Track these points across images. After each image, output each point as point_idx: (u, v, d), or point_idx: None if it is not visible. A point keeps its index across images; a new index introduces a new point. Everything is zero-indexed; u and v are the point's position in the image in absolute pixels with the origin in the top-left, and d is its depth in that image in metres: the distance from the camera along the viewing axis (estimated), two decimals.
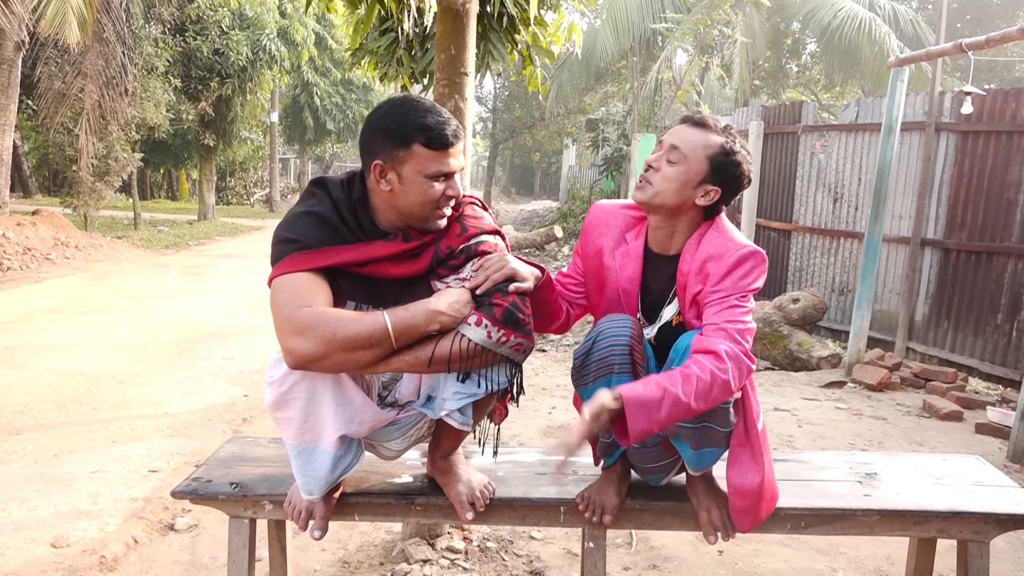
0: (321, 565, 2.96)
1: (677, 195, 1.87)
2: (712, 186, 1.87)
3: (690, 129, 1.89)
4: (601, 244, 2.03)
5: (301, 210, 1.82)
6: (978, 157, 6.26)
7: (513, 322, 1.78)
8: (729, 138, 1.88)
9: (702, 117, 1.90)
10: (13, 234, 11.33)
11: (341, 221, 1.81)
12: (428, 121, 1.73)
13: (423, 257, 1.84)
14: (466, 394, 1.83)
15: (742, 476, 1.89)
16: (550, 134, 27.70)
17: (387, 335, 1.68)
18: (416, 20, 3.18)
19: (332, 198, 1.83)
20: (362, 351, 1.67)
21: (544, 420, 4.80)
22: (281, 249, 1.76)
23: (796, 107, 8.51)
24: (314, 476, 1.87)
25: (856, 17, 14.33)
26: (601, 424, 1.70)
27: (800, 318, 6.98)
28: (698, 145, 1.86)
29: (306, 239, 1.76)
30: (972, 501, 2.09)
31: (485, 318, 1.76)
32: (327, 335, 1.64)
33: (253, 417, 4.76)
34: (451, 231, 1.86)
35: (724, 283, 1.82)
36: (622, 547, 3.12)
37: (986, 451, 4.40)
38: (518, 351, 1.81)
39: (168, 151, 23.76)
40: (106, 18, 12.71)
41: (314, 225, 1.79)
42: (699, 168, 1.86)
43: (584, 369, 1.88)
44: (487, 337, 1.75)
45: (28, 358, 5.93)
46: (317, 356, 1.65)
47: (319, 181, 1.88)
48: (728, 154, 1.86)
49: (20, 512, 3.35)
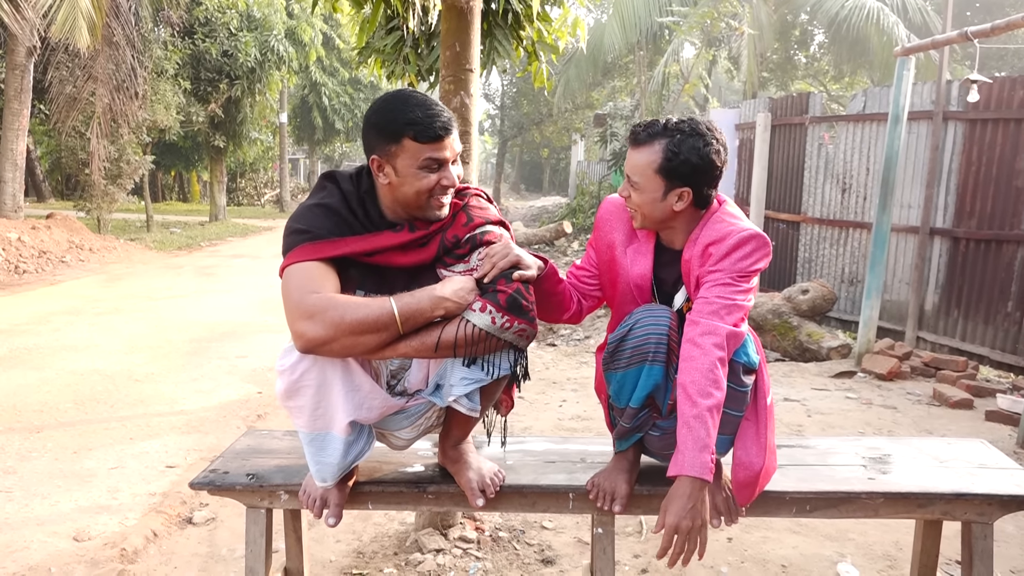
0: (336, 555, 3.02)
1: (656, 211, 1.92)
2: (680, 189, 1.88)
3: (633, 153, 1.92)
4: (613, 238, 2.07)
5: (312, 202, 1.88)
6: (986, 145, 6.25)
7: (517, 308, 1.82)
8: (671, 138, 1.86)
9: (636, 134, 1.91)
10: (28, 238, 11.47)
11: (350, 212, 1.87)
12: (416, 115, 1.78)
13: (430, 246, 1.89)
14: (473, 380, 1.88)
15: (746, 450, 1.93)
16: (558, 130, 27.69)
17: (394, 320, 1.73)
18: (421, 18, 3.22)
19: (342, 190, 1.89)
20: (370, 335, 1.72)
21: (555, 413, 4.84)
22: (292, 239, 1.82)
23: (803, 98, 8.50)
24: (327, 463, 1.92)
25: (864, 7, 14.25)
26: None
27: (810, 309, 6.99)
28: (644, 166, 1.89)
29: (316, 230, 1.82)
30: (975, 483, 2.11)
31: (490, 304, 1.81)
32: (336, 319, 1.69)
33: (267, 413, 4.83)
34: (457, 221, 1.91)
35: (723, 263, 1.85)
36: (632, 535, 3.16)
37: (996, 438, 4.41)
38: (522, 337, 1.85)
39: (179, 153, 23.92)
40: (115, 22, 12.82)
41: (324, 216, 1.85)
42: (656, 185, 1.89)
43: (618, 354, 1.91)
44: (491, 323, 1.80)
45: (46, 358, 6.03)
46: (326, 339, 1.70)
47: (329, 175, 1.95)
48: (672, 157, 1.85)
49: (43, 507, 3.43)
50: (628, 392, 1.92)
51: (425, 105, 1.80)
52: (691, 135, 1.86)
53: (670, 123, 1.89)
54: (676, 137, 1.86)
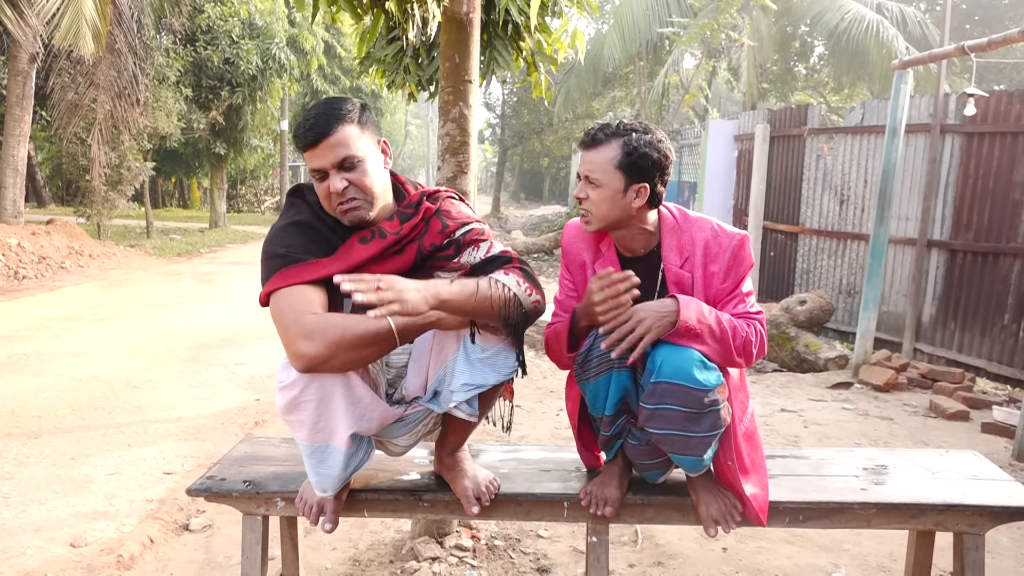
0: (332, 563, 3.02)
1: (615, 210, 1.96)
2: (637, 184, 1.94)
3: (590, 152, 1.97)
4: (583, 258, 2.12)
5: (284, 223, 1.90)
6: (983, 158, 6.28)
7: (532, 279, 1.88)
8: (627, 136, 1.93)
9: (592, 135, 1.97)
10: (28, 243, 11.48)
11: (321, 222, 1.90)
12: (299, 126, 1.84)
13: (406, 253, 1.91)
14: (473, 386, 1.90)
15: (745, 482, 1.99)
16: (558, 139, 27.72)
17: (390, 332, 1.74)
18: (420, 29, 3.24)
19: (308, 203, 1.93)
20: (369, 348, 1.74)
21: (552, 422, 4.85)
22: (270, 265, 1.83)
23: (802, 110, 8.54)
24: (327, 474, 1.93)
25: (863, 19, 14.32)
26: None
27: (807, 320, 7.01)
28: (603, 163, 1.94)
29: (292, 252, 1.82)
30: (967, 494, 2.13)
31: (511, 270, 1.86)
32: (336, 336, 1.70)
33: (265, 421, 4.84)
34: (432, 228, 1.93)
35: (729, 279, 1.98)
36: (627, 545, 3.17)
37: (992, 450, 4.42)
38: (536, 309, 1.88)
39: (179, 160, 23.94)
40: (118, 29, 12.87)
41: (298, 234, 1.86)
42: (616, 180, 1.93)
43: (586, 364, 1.95)
44: (517, 284, 1.83)
45: (45, 364, 6.04)
46: (327, 357, 1.71)
47: (295, 190, 1.97)
48: (632, 152, 1.91)
49: (39, 513, 3.43)
50: (602, 400, 1.96)
51: (310, 114, 1.83)
52: (645, 132, 1.94)
53: (623, 124, 1.97)
54: (633, 135, 1.93)
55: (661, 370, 1.84)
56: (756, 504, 1.97)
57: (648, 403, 1.86)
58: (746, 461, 1.97)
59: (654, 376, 1.85)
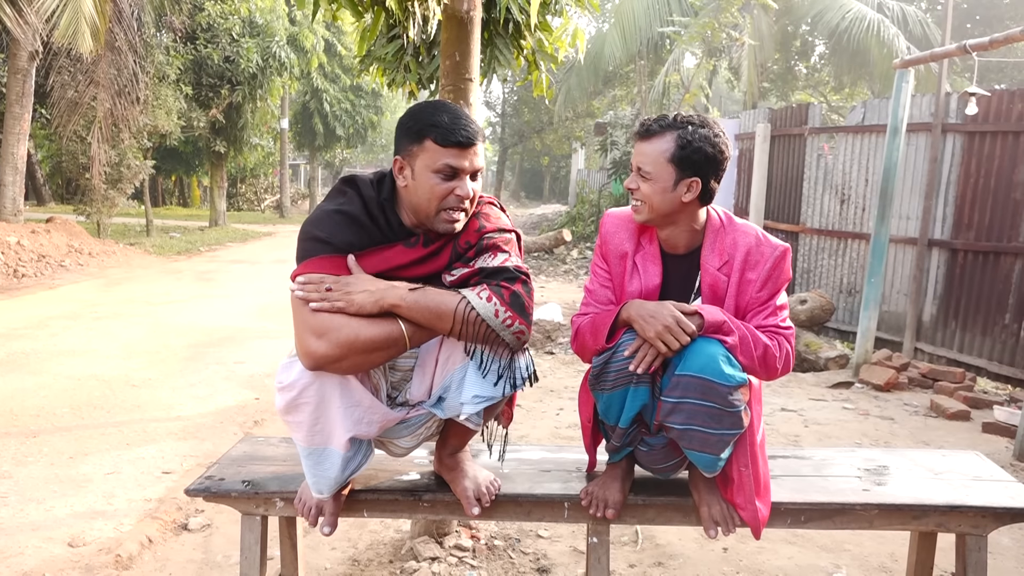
0: (331, 563, 3.01)
1: (665, 203, 1.93)
2: (690, 179, 1.91)
3: (643, 144, 1.94)
4: (626, 248, 2.07)
5: (332, 208, 1.85)
6: (984, 157, 6.27)
7: (519, 307, 1.80)
8: (682, 129, 1.90)
9: (647, 126, 1.95)
10: (28, 241, 11.47)
11: (370, 219, 1.85)
12: (442, 119, 1.78)
13: (442, 256, 1.88)
14: (484, 398, 1.86)
15: (745, 496, 1.97)
16: (559, 138, 27.73)
17: (402, 336, 1.74)
18: (421, 27, 3.23)
19: (362, 196, 1.87)
20: (379, 352, 1.74)
21: (552, 422, 4.84)
22: (309, 247, 1.80)
23: (803, 109, 8.53)
24: (325, 476, 1.92)
25: (864, 19, 14.31)
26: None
27: (808, 319, 7.00)
28: (656, 155, 1.91)
29: (334, 241, 1.80)
30: (970, 495, 2.12)
31: (494, 296, 1.78)
32: (349, 338, 1.70)
33: (264, 420, 4.83)
34: (470, 227, 1.90)
35: (765, 290, 1.96)
36: (628, 545, 3.16)
37: (993, 450, 4.41)
38: (518, 339, 1.81)
39: (179, 158, 23.93)
40: (118, 27, 12.85)
41: (343, 224, 1.82)
42: (668, 174, 1.91)
43: (603, 376, 1.92)
44: (493, 316, 1.76)
45: (43, 363, 6.02)
46: (336, 358, 1.70)
47: (350, 179, 1.92)
48: (686, 146, 1.89)
49: (38, 512, 3.42)
50: (616, 413, 1.94)
51: (455, 114, 1.80)
52: (701, 126, 1.91)
53: (680, 116, 1.93)
54: (688, 128, 1.90)
55: (686, 363, 1.82)
56: (760, 517, 1.96)
57: (670, 397, 1.84)
58: (760, 470, 1.96)
59: (679, 369, 1.84)
